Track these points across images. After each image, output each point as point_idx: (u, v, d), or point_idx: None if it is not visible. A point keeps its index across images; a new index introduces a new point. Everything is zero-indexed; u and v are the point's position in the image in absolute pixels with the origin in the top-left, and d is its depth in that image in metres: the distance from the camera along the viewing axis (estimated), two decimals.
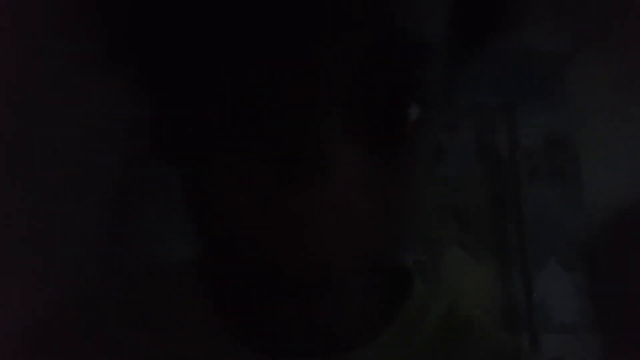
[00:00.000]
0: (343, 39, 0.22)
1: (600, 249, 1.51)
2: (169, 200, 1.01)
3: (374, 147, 0.24)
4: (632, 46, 1.56)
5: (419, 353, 0.34)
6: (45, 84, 0.90)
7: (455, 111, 1.41)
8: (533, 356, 0.76)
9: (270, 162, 0.23)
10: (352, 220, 0.24)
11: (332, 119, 0.23)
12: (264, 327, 0.32)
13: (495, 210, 1.48)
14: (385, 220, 0.25)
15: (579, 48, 1.36)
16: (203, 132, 0.25)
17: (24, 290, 0.76)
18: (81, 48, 0.28)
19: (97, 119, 1.03)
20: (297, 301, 0.26)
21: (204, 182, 0.26)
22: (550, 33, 1.46)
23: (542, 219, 1.50)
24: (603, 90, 1.55)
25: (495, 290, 1.42)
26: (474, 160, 1.50)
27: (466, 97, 1.38)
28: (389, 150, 0.25)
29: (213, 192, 0.25)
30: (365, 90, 0.24)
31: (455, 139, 1.47)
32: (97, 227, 1.12)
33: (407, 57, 0.24)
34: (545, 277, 1.46)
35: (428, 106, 0.25)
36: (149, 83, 0.29)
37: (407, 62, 0.24)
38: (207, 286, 0.35)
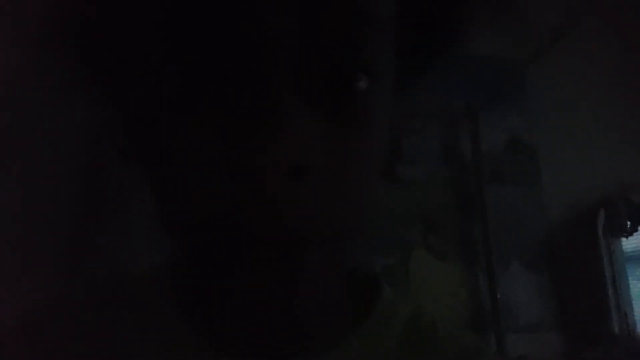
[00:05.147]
0: (294, 8, 0.24)
1: (560, 249, 1.55)
2: (137, 206, 1.00)
3: (327, 111, 0.26)
4: (591, 51, 1.61)
5: (387, 355, 0.34)
6: (7, 89, 0.87)
7: (419, 114, 1.43)
8: (496, 356, 0.78)
9: (227, 126, 0.24)
10: (307, 178, 0.24)
11: (285, 84, 0.24)
12: (234, 329, 0.32)
13: (459, 212, 1.51)
14: (337, 179, 0.26)
15: (540, 54, 1.40)
16: (162, 110, 0.26)
17: None
18: (52, 61, 0.28)
19: (61, 127, 1.01)
20: (266, 288, 0.26)
21: (168, 163, 0.27)
22: (513, 39, 1.50)
23: (505, 221, 1.53)
24: (562, 94, 1.60)
25: (461, 292, 1.44)
26: (439, 163, 1.53)
27: (430, 101, 1.40)
28: (340, 113, 0.26)
29: (178, 172, 0.26)
30: (316, 58, 0.25)
31: (420, 142, 1.49)
32: (64, 237, 1.09)
33: (354, 27, 0.25)
34: (509, 278, 1.49)
35: (376, 77, 0.27)
36: (112, 78, 0.29)
37: (355, 33, 0.26)
38: (178, 291, 0.35)
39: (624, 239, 1.55)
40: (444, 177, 1.52)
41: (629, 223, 1.52)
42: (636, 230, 1.52)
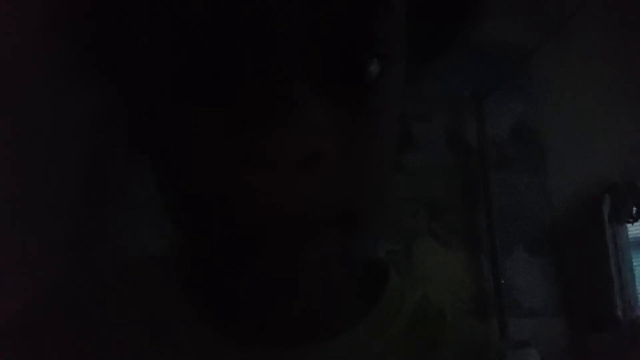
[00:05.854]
0: None
1: (565, 235, 1.55)
2: (141, 192, 1.00)
3: (338, 97, 0.25)
4: (597, 37, 1.60)
5: (394, 342, 0.34)
6: (8, 78, 0.87)
7: (425, 101, 1.43)
8: (502, 341, 0.78)
9: (238, 114, 0.24)
10: (319, 166, 0.24)
11: (296, 71, 0.24)
12: (241, 315, 0.32)
13: (464, 199, 1.51)
14: (349, 167, 0.26)
15: (545, 40, 1.39)
16: (170, 98, 0.26)
17: None
18: (57, 50, 0.28)
19: (65, 114, 1.01)
20: (274, 275, 0.26)
21: (177, 152, 0.26)
22: (518, 25, 1.49)
23: (510, 207, 1.53)
24: (568, 81, 1.59)
25: (465, 278, 1.45)
26: (444, 150, 1.52)
27: (435, 87, 1.39)
28: (351, 100, 0.26)
29: (187, 161, 0.26)
30: (327, 43, 0.25)
31: (425, 129, 1.49)
32: (69, 224, 1.10)
33: (365, 12, 0.25)
34: (513, 264, 1.50)
35: (387, 62, 0.26)
36: (117, 69, 0.29)
37: (366, 17, 0.25)
38: (182, 278, 0.35)
39: (629, 225, 1.56)
40: (449, 163, 1.51)
41: (634, 209, 1.52)
42: None
